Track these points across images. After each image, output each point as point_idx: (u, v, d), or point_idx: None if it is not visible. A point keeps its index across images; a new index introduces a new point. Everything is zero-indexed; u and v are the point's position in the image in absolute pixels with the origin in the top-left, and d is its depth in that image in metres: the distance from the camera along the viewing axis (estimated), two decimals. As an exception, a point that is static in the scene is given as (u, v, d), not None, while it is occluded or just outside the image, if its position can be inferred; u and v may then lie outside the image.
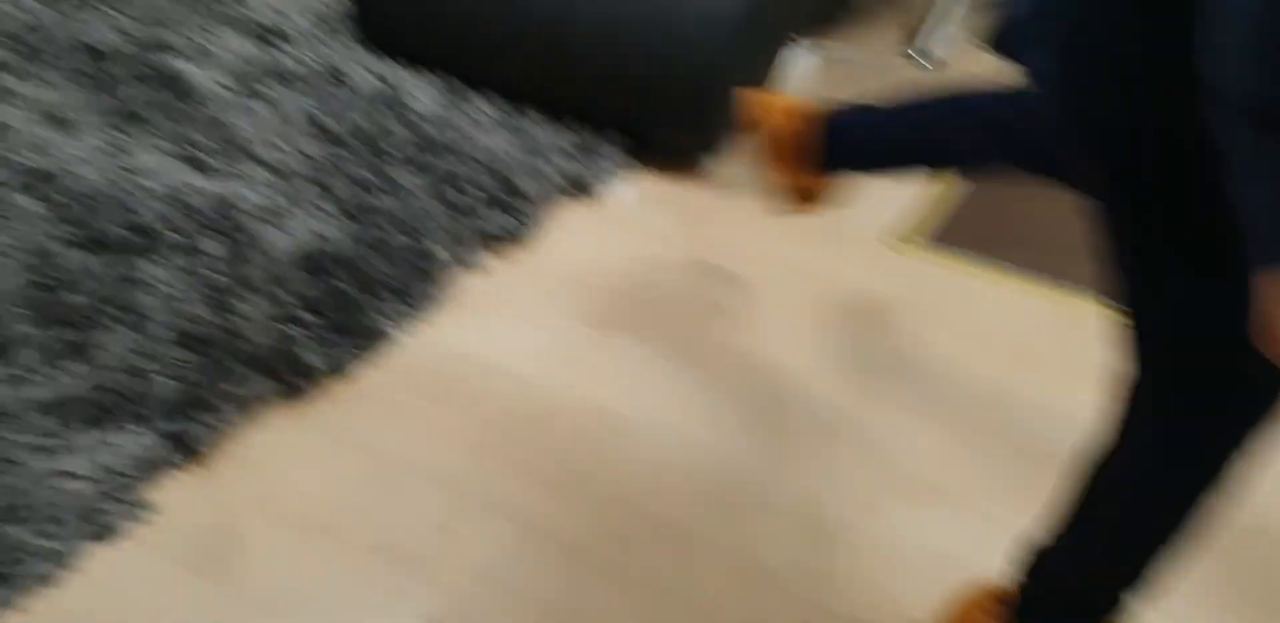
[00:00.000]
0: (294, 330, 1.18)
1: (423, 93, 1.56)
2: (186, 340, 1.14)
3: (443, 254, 1.33)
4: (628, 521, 1.10)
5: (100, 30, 1.62)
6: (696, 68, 1.41)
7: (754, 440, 1.19)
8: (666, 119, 1.48)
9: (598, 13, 1.42)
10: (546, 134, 1.51)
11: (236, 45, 1.62)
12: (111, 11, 1.69)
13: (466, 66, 1.59)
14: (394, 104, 1.52)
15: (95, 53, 1.57)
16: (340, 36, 1.69)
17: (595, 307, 1.35)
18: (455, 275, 1.36)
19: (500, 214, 1.41)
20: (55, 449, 1.05)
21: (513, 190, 1.43)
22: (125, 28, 1.65)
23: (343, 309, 1.22)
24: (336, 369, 1.20)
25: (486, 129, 1.50)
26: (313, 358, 1.18)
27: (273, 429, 1.16)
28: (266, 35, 1.67)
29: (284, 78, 1.55)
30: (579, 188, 1.50)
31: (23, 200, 1.25)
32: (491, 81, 1.58)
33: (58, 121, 1.40)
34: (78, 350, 1.12)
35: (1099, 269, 0.72)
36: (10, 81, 1.48)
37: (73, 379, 1.09)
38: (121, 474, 1.05)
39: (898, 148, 1.13)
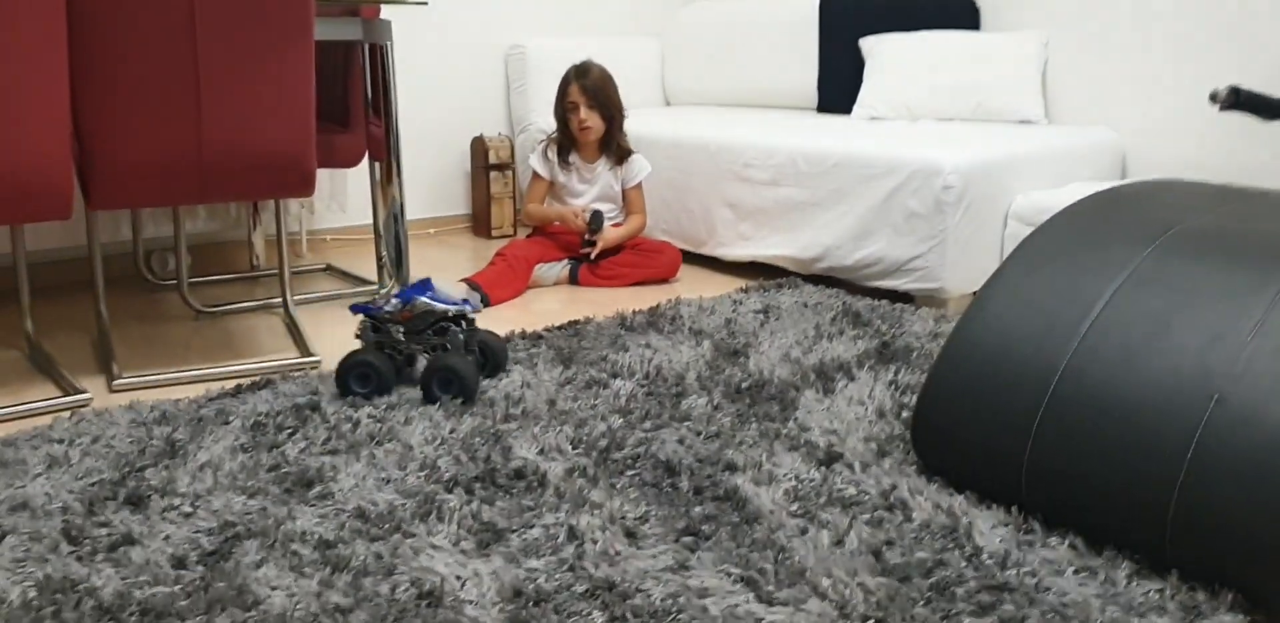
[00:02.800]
0: None
1: (987, 527, 1.44)
2: None
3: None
4: None
5: (670, 445, 1.72)
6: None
7: None
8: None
9: (1227, 453, 1.26)
10: (1139, 587, 1.30)
11: (796, 467, 1.64)
12: (681, 427, 1.80)
13: (1039, 504, 1.46)
14: (956, 538, 1.41)
15: (666, 466, 1.64)
16: (898, 463, 1.65)
17: None
18: None
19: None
20: None
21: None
22: (692, 443, 1.73)
23: None
24: None
25: (1063, 573, 1.33)
26: None
27: None
28: (825, 459, 1.67)
29: (844, 504, 1.51)
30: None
31: (591, 613, 1.25)
32: (1070, 522, 1.43)
33: (628, 533, 1.44)
34: None
35: None
36: (589, 489, 1.57)
37: None
38: None
39: None
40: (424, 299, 2.02)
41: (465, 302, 2.06)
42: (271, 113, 2.02)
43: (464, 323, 2.06)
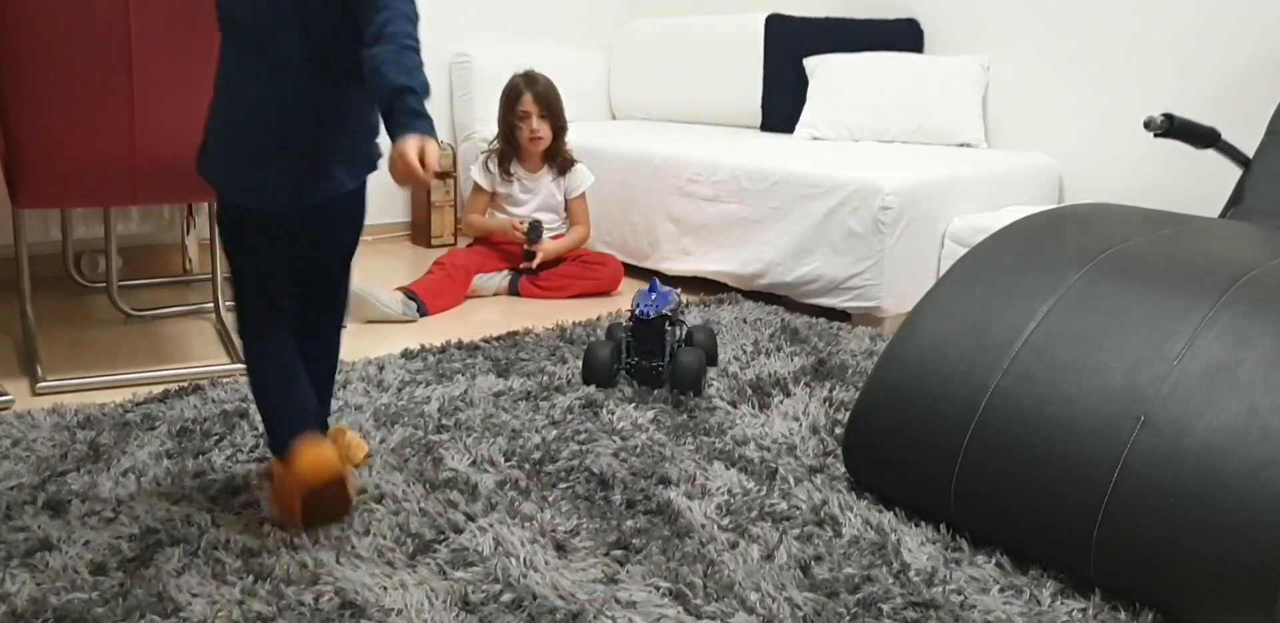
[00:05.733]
0: None
1: (915, 544, 1.45)
2: None
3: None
4: None
5: (605, 458, 1.71)
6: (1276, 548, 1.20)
7: None
8: (1225, 605, 1.25)
9: (1152, 474, 1.28)
10: (1063, 606, 1.32)
11: (729, 482, 1.64)
12: (616, 440, 1.79)
13: (967, 521, 1.48)
14: (885, 554, 1.42)
15: (600, 480, 1.64)
16: (830, 479, 1.66)
17: None
18: None
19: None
20: None
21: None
22: (626, 456, 1.73)
23: None
24: None
25: (989, 591, 1.35)
26: None
27: None
28: (758, 474, 1.67)
29: (774, 518, 1.52)
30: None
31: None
32: (997, 540, 1.45)
33: (558, 546, 1.43)
34: None
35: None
36: (520, 502, 1.56)
37: None
38: None
39: None
40: None
41: None
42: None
43: None
